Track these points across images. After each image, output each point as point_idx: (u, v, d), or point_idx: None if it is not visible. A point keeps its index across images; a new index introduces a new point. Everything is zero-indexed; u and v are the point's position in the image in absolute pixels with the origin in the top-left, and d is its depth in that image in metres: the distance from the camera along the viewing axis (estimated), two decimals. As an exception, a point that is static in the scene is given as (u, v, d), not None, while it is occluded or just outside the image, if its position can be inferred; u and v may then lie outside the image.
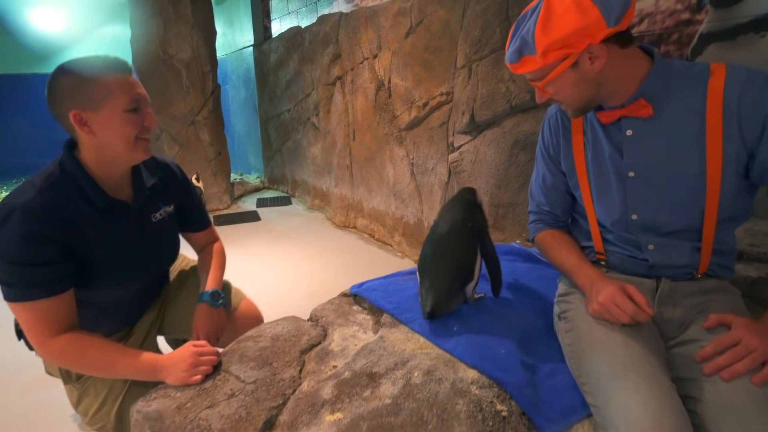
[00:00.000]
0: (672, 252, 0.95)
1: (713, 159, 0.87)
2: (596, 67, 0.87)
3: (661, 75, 0.90)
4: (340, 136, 3.94)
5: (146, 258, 1.17)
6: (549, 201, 1.13)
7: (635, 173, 0.94)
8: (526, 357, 1.06)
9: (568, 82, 0.91)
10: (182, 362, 1.00)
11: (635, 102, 0.91)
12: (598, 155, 1.00)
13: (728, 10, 1.41)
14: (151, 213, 1.17)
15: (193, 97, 4.27)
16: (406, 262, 3.19)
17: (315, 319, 1.31)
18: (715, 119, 0.85)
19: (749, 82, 0.83)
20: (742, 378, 0.77)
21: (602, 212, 1.02)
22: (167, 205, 1.22)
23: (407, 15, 2.91)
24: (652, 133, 0.92)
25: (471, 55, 2.09)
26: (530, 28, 0.88)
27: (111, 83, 0.97)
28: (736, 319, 0.84)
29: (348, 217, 4.01)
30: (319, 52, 4.02)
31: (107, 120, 0.97)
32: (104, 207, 1.04)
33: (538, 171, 1.16)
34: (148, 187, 1.16)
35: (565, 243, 1.08)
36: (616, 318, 0.87)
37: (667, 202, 0.92)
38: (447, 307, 1.17)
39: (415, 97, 2.96)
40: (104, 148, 1.01)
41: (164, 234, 1.21)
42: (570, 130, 1.05)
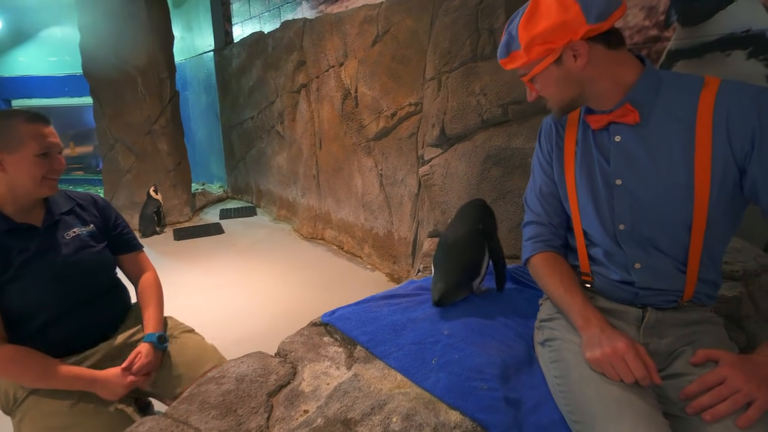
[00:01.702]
0: (658, 274, 0.93)
1: (701, 172, 0.85)
2: (579, 64, 0.88)
3: (650, 82, 0.89)
4: (306, 145, 3.84)
5: (63, 269, 1.23)
6: (546, 210, 1.09)
7: (622, 181, 0.93)
8: (509, 392, 1.00)
9: (552, 79, 0.91)
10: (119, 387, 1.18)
11: (622, 107, 0.90)
12: (587, 162, 0.99)
13: (695, 29, 1.42)
14: (64, 232, 1.27)
15: (150, 105, 4.06)
16: (376, 275, 3.12)
17: (283, 354, 1.22)
18: (705, 131, 0.84)
19: (740, 96, 0.82)
20: (726, 419, 0.74)
21: (590, 222, 0.99)
22: (85, 225, 1.32)
23: (374, 23, 2.85)
24: (639, 141, 0.90)
25: (440, 67, 2.05)
26: (516, 24, 0.91)
27: (27, 132, 1.14)
28: (724, 356, 0.82)
29: (316, 229, 3.91)
30: (283, 59, 3.90)
31: (19, 162, 1.14)
32: (7, 230, 1.17)
33: (535, 181, 1.13)
34: (60, 213, 1.28)
35: (562, 273, 1.02)
36: (618, 375, 0.82)
37: (654, 213, 0.91)
38: (454, 297, 1.32)
39: (382, 106, 2.90)
40: (14, 184, 1.17)
41: (80, 249, 1.28)
42: (563, 138, 1.04)
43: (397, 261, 3.03)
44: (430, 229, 2.28)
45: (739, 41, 1.35)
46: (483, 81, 1.83)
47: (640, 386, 0.81)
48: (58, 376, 1.13)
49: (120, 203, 4.06)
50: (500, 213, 1.84)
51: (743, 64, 1.34)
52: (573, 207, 1.03)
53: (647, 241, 0.93)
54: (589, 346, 0.88)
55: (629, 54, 0.91)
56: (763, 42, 1.31)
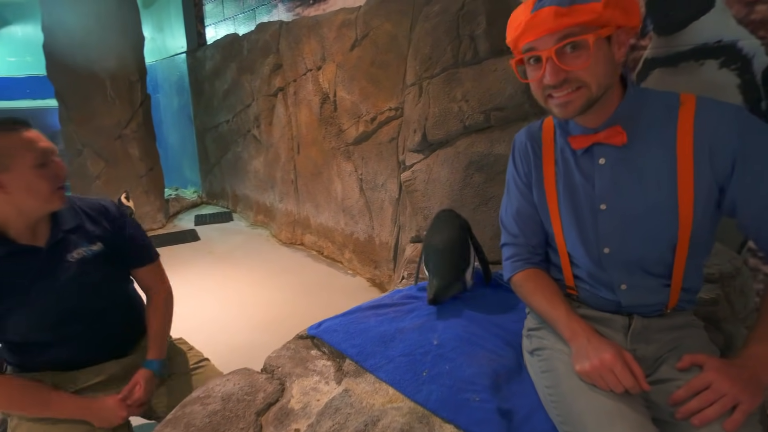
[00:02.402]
0: (643, 292, 0.94)
1: (685, 193, 0.85)
2: (620, 54, 0.82)
3: (634, 101, 0.87)
4: (284, 149, 3.78)
5: (65, 295, 1.15)
6: (524, 232, 1.07)
7: (607, 205, 0.91)
8: (501, 402, 1.00)
9: (602, 57, 0.80)
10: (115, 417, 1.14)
11: (611, 128, 0.87)
12: (570, 186, 0.96)
13: (670, 38, 1.46)
14: (68, 253, 1.17)
15: (120, 109, 3.92)
16: (358, 281, 3.10)
17: (270, 369, 1.19)
18: (686, 152, 0.84)
19: (720, 117, 0.82)
20: (714, 423, 0.76)
21: (574, 245, 0.98)
22: (92, 244, 1.21)
23: (352, 27, 2.83)
24: (624, 163, 0.89)
25: (421, 72, 2.05)
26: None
27: (11, 144, 1.01)
28: (708, 361, 0.83)
29: (294, 234, 3.85)
30: (259, 62, 3.84)
31: (18, 180, 1.02)
32: (8, 253, 1.08)
33: (511, 201, 1.09)
34: (64, 230, 1.17)
35: (545, 288, 1.02)
36: (607, 385, 0.82)
37: (639, 236, 0.90)
38: (448, 293, 1.38)
39: (362, 111, 2.88)
40: (20, 204, 1.06)
41: (85, 272, 1.19)
42: (541, 159, 1.01)
43: (378, 266, 3.02)
44: (412, 234, 2.27)
45: (712, 51, 1.39)
46: (465, 87, 1.84)
47: (630, 395, 0.82)
48: (50, 406, 1.10)
49: (89, 211, 3.91)
50: (483, 219, 1.85)
51: (716, 73, 1.39)
52: (557, 231, 1.01)
53: (632, 263, 0.92)
54: (578, 359, 0.88)
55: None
56: (734, 52, 1.36)
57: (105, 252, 1.22)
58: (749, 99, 1.35)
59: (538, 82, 0.86)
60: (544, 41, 0.81)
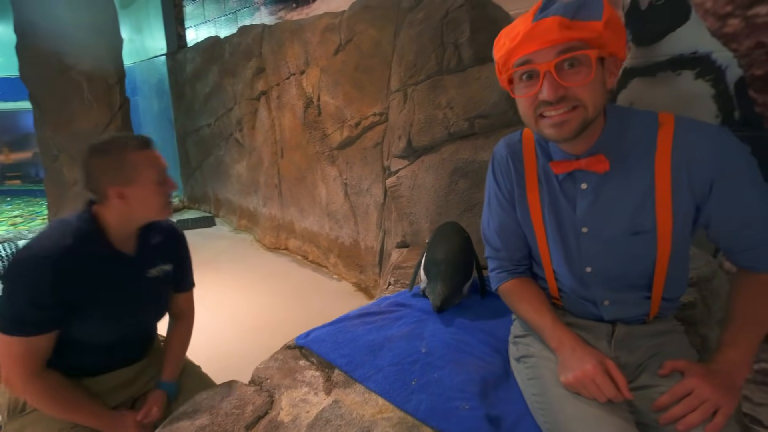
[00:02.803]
0: (625, 306, 0.96)
1: (663, 214, 0.86)
2: (610, 82, 0.83)
3: (616, 127, 0.87)
4: (267, 153, 3.75)
5: (134, 309, 1.22)
6: (507, 247, 1.08)
7: (588, 229, 0.92)
8: (490, 409, 1.02)
9: (599, 78, 0.80)
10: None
11: (594, 156, 0.87)
12: (554, 207, 0.96)
13: (648, 48, 1.51)
14: (148, 269, 1.23)
15: (98, 113, 3.83)
16: (343, 285, 3.10)
17: (258, 381, 1.18)
18: (665, 175, 0.84)
19: (699, 140, 0.82)
20: (697, 428, 0.79)
21: (559, 264, 1.00)
22: (165, 264, 1.27)
23: (336, 32, 2.83)
24: (606, 188, 0.89)
25: (406, 79, 2.06)
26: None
27: (139, 160, 1.10)
28: (689, 367, 0.86)
29: (279, 239, 3.83)
30: (241, 65, 3.80)
31: (140, 192, 1.11)
32: (108, 257, 1.13)
33: (492, 216, 1.09)
34: (150, 244, 1.24)
35: (531, 297, 1.03)
36: (591, 395, 0.84)
37: (620, 257, 0.92)
38: (452, 302, 1.41)
39: (346, 116, 2.88)
40: (132, 212, 1.13)
41: (156, 290, 1.27)
42: (524, 177, 1.00)
43: (363, 270, 3.02)
44: (398, 239, 2.28)
45: (688, 62, 1.44)
46: (449, 94, 1.86)
47: (614, 402, 0.84)
48: (80, 412, 1.12)
49: (66, 217, 3.81)
50: (469, 225, 1.87)
51: (692, 83, 1.43)
52: (542, 248, 1.01)
53: (613, 280, 0.94)
54: (563, 370, 0.89)
55: None
56: (709, 63, 1.41)
57: (171, 273, 1.30)
58: (723, 109, 1.40)
59: (532, 99, 0.82)
60: (543, 54, 0.78)
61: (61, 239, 1.05)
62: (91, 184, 1.10)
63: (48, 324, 1.05)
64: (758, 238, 0.85)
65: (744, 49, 1.35)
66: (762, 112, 1.34)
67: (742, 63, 1.35)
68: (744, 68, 1.35)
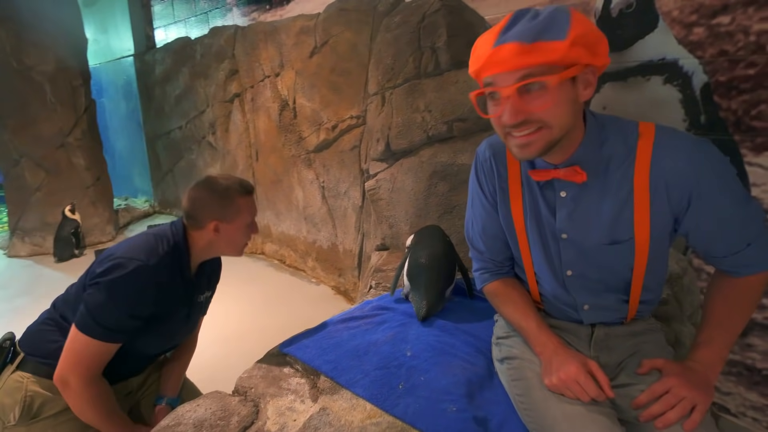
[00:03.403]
0: (604, 310, 0.99)
1: (641, 225, 0.87)
2: (587, 94, 0.79)
3: (595, 138, 0.87)
4: (242, 156, 3.69)
5: (181, 330, 1.33)
6: (491, 249, 1.09)
7: (567, 235, 0.93)
8: (476, 411, 1.03)
9: (566, 97, 0.77)
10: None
11: (571, 167, 0.86)
12: (535, 213, 0.97)
13: (619, 54, 1.56)
14: (198, 294, 1.31)
15: (62, 116, 3.69)
16: (322, 289, 3.08)
17: (242, 391, 1.16)
18: (643, 185, 0.85)
19: (678, 153, 0.82)
20: (677, 425, 0.81)
21: (540, 267, 1.01)
22: (209, 290, 1.38)
23: (311, 34, 2.81)
24: (584, 198, 0.90)
25: (384, 82, 2.06)
26: (564, 11, 0.75)
27: (242, 204, 1.23)
28: (666, 366, 0.89)
29: (255, 243, 3.77)
30: (213, 67, 3.73)
31: (234, 231, 1.23)
32: (183, 278, 1.22)
33: (476, 218, 1.09)
34: (203, 272, 1.32)
35: (516, 299, 1.05)
36: (575, 395, 0.86)
37: (598, 263, 0.94)
38: (436, 309, 1.39)
39: (323, 118, 2.87)
40: (217, 245, 1.24)
41: (198, 314, 1.37)
42: (507, 181, 1.00)
43: (342, 274, 3.01)
44: (377, 242, 2.28)
45: (657, 68, 1.50)
46: (427, 98, 1.87)
47: (597, 401, 0.86)
48: (115, 423, 1.17)
49: (29, 225, 3.65)
50: (448, 227, 1.89)
51: (661, 88, 1.49)
52: (524, 252, 1.03)
53: (593, 285, 0.96)
54: (546, 373, 0.91)
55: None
56: (676, 69, 1.47)
57: (210, 300, 1.41)
58: (690, 113, 1.47)
59: (497, 119, 0.81)
60: (504, 78, 0.77)
61: (164, 255, 1.14)
62: (194, 211, 1.21)
63: (132, 333, 1.13)
64: (736, 246, 0.86)
65: (708, 57, 1.41)
66: (726, 116, 1.41)
67: (707, 69, 1.42)
68: (708, 74, 1.42)
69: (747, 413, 1.53)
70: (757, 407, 1.51)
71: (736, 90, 1.38)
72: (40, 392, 1.16)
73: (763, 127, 1.36)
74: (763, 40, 1.32)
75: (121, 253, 1.11)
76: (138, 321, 1.12)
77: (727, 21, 1.36)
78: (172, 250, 1.17)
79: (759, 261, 0.88)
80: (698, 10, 1.40)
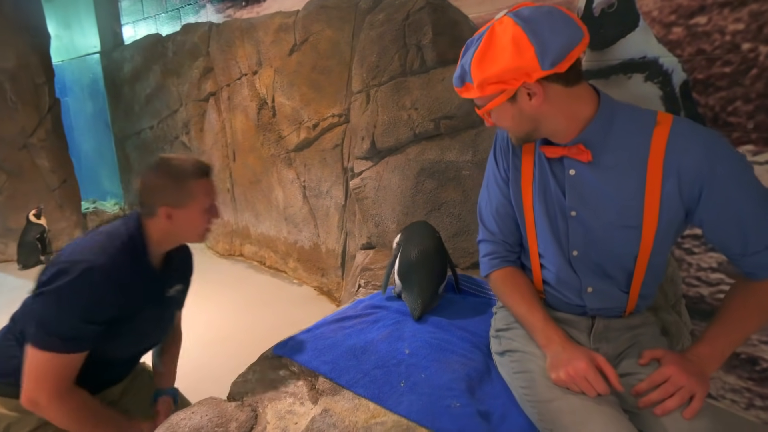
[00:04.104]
0: (606, 297, 1.00)
1: (650, 213, 0.89)
2: (534, 104, 0.86)
3: (605, 121, 0.89)
4: (218, 157, 3.61)
5: (156, 328, 1.25)
6: (503, 230, 1.09)
7: (576, 213, 0.95)
8: (479, 405, 1.03)
9: (507, 115, 0.91)
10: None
11: (575, 146, 0.90)
12: (545, 191, 0.99)
13: (601, 53, 1.60)
14: (168, 288, 1.22)
15: (24, 115, 3.51)
16: (305, 290, 3.04)
17: (238, 396, 1.13)
18: (656, 173, 0.86)
19: (693, 144, 0.84)
20: (674, 412, 0.84)
21: (547, 246, 1.02)
22: (179, 284, 1.27)
23: (290, 32, 2.77)
24: (592, 177, 0.91)
25: (368, 80, 2.05)
26: (469, 59, 0.88)
27: (196, 188, 1.12)
28: (665, 356, 0.91)
29: (233, 245, 3.69)
30: (187, 65, 3.63)
31: (188, 217, 1.12)
32: (145, 272, 1.13)
33: (491, 198, 1.10)
34: (171, 264, 1.23)
35: (523, 289, 1.05)
36: (582, 390, 0.87)
37: (604, 245, 0.95)
38: (431, 306, 1.40)
39: (303, 117, 2.83)
40: (175, 233, 1.15)
41: (171, 309, 1.29)
42: (520, 158, 1.03)
43: (325, 274, 2.98)
44: (362, 241, 2.27)
45: (638, 66, 1.55)
46: (413, 96, 1.87)
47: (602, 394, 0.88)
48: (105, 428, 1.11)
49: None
50: (436, 224, 1.89)
51: (642, 85, 1.54)
52: (530, 231, 1.04)
53: (597, 267, 0.98)
54: (553, 367, 0.91)
55: (587, 87, 0.90)
56: (657, 67, 1.52)
57: (184, 293, 1.31)
58: (670, 109, 1.52)
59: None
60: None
61: (117, 253, 1.05)
62: (144, 197, 1.12)
63: (94, 339, 1.04)
64: (754, 246, 0.86)
65: (687, 55, 1.47)
66: (704, 112, 1.47)
67: (686, 67, 1.47)
68: (687, 72, 1.47)
69: (726, 395, 1.60)
70: (736, 389, 1.57)
71: (713, 87, 1.44)
72: (6, 414, 1.08)
73: (738, 123, 1.42)
74: (737, 40, 1.38)
75: (65, 258, 1.02)
76: (97, 326, 1.03)
77: (704, 21, 1.42)
78: (127, 245, 1.08)
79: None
80: (677, 11, 1.46)
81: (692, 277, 1.58)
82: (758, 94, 1.37)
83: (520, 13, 0.83)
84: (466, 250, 1.83)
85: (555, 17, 0.83)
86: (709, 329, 0.93)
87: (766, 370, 1.51)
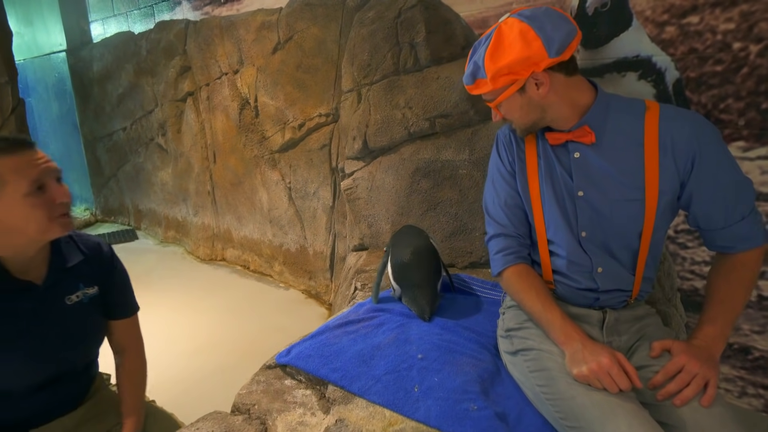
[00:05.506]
0: (616, 277, 1.03)
1: (651, 187, 0.96)
2: (542, 92, 0.96)
3: (603, 106, 0.99)
4: (197, 158, 3.49)
5: (57, 345, 1.02)
6: (512, 221, 1.11)
7: (584, 192, 1.01)
8: (495, 406, 1.02)
9: (516, 105, 1.00)
10: None
11: (580, 128, 0.99)
12: (552, 176, 1.05)
13: (595, 51, 1.62)
14: (66, 295, 1.04)
15: (-13, 116, 3.30)
16: (292, 293, 2.97)
17: (244, 409, 1.08)
18: (652, 151, 0.95)
19: (681, 122, 0.95)
20: (692, 401, 0.86)
21: (557, 230, 1.05)
22: (89, 287, 1.09)
23: (273, 29, 2.70)
24: (596, 158, 0.99)
25: (360, 79, 2.02)
26: (481, 55, 0.97)
27: (6, 168, 0.87)
28: (675, 346, 0.93)
29: (214, 249, 3.58)
30: (162, 64, 3.50)
31: (8, 209, 0.88)
32: (10, 290, 0.96)
33: (498, 193, 1.14)
34: (67, 267, 1.05)
35: (538, 287, 1.06)
36: (604, 386, 0.87)
37: (610, 223, 1.00)
38: (436, 305, 1.38)
39: (288, 117, 2.77)
40: (11, 233, 0.92)
41: (78, 319, 1.07)
42: (524, 151, 1.09)
43: (313, 276, 2.92)
44: (354, 242, 2.24)
45: (631, 64, 1.57)
46: (407, 94, 1.85)
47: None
48: None
49: (-50, 239, 3.23)
50: (432, 224, 1.88)
51: (635, 84, 1.57)
52: (537, 218, 1.08)
53: (605, 246, 1.02)
54: (575, 363, 0.92)
55: (583, 78, 1.01)
56: (650, 66, 1.54)
57: (98, 297, 1.11)
58: (663, 107, 1.55)
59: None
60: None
61: None
62: None
63: None
64: (732, 217, 0.95)
65: (679, 54, 1.50)
66: (696, 110, 1.50)
67: (678, 66, 1.50)
68: (680, 71, 1.50)
69: (720, 385, 1.64)
70: (729, 379, 1.62)
71: (705, 85, 1.47)
72: None
73: (730, 120, 1.46)
74: (728, 39, 1.41)
75: None
76: None
77: (696, 20, 1.45)
78: None
79: (752, 235, 0.96)
80: (669, 10, 1.48)
81: (686, 271, 1.62)
82: (749, 92, 1.41)
83: (522, 13, 0.95)
84: (463, 249, 1.81)
85: (553, 14, 0.94)
86: (704, 313, 0.98)
87: (758, 359, 1.55)
